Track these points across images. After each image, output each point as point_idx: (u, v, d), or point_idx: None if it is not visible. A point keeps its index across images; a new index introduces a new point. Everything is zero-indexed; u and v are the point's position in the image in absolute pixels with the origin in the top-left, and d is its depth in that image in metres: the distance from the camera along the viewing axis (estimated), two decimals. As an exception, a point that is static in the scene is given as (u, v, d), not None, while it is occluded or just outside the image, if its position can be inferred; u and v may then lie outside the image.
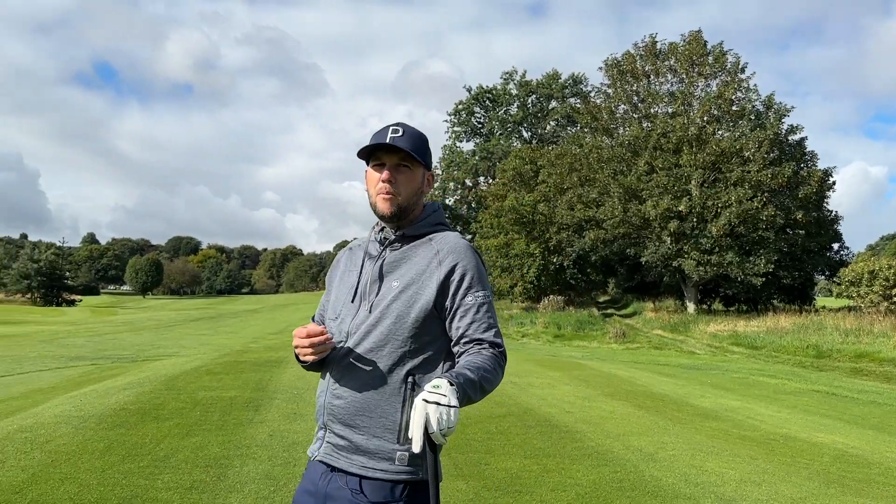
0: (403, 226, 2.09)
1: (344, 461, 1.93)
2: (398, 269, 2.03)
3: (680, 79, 35.44)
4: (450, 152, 62.31)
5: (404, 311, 1.95)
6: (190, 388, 9.30)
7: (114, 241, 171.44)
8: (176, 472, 5.20)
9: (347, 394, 1.94)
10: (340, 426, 1.94)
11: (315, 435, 2.07)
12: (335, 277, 2.21)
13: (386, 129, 2.06)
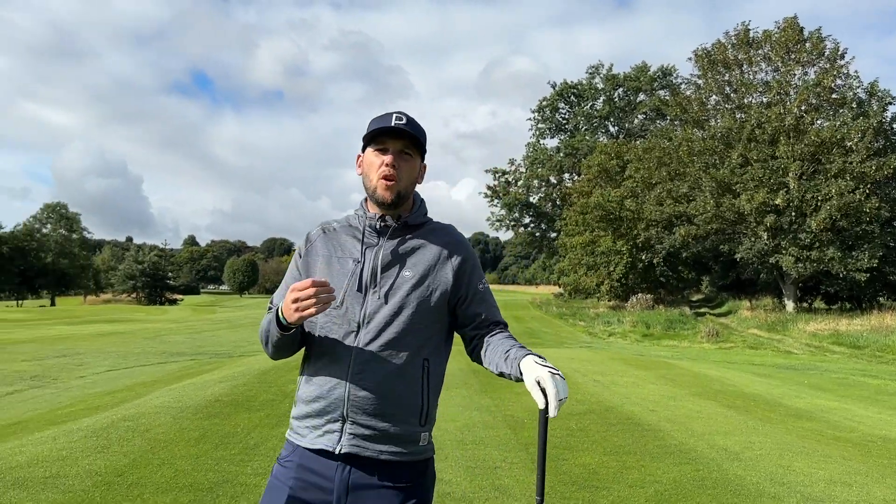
0: (401, 214, 2.09)
1: (372, 451, 1.94)
2: (408, 259, 2.04)
3: (775, 67, 33.91)
4: (533, 150, 61.89)
5: (425, 300, 2.01)
6: (280, 382, 9.67)
7: (212, 243, 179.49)
8: (264, 459, 5.44)
9: (372, 384, 1.93)
10: (366, 417, 1.93)
11: (319, 428, 1.96)
12: (315, 263, 2.09)
13: (389, 115, 2.06)
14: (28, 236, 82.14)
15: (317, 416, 1.96)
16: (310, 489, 1.94)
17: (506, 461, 5.56)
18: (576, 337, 28.73)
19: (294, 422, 2.04)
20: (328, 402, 1.95)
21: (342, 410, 1.93)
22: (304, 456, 1.97)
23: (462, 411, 7.74)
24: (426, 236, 2.10)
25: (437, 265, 2.06)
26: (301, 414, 2.01)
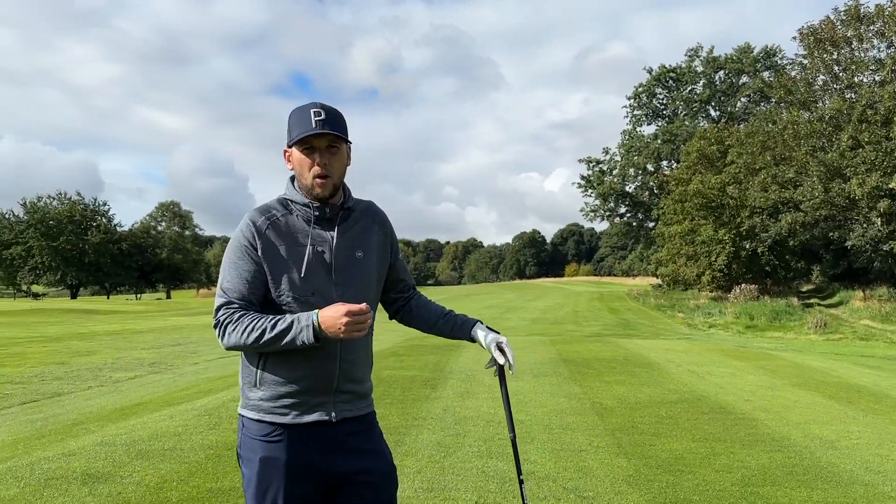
0: (338, 201, 2.25)
1: (354, 410, 2.22)
2: (357, 241, 2.26)
3: (889, 43, 31.76)
4: (629, 137, 60.52)
5: (377, 275, 2.32)
6: (375, 368, 9.99)
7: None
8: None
9: (354, 357, 2.20)
10: (350, 384, 2.20)
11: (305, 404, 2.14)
12: (274, 253, 2.15)
13: (308, 114, 2.16)
14: (145, 234, 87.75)
15: (305, 394, 2.13)
16: (307, 453, 2.13)
17: (591, 445, 5.66)
18: (674, 329, 28.05)
19: (264, 402, 2.14)
20: (319, 379, 2.14)
21: (334, 383, 2.16)
22: (294, 431, 2.13)
23: (550, 398, 7.86)
24: (361, 217, 2.32)
25: (377, 242, 2.33)
26: (278, 394, 2.13)
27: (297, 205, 2.22)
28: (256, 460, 2.13)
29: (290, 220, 2.20)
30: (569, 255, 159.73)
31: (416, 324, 2.52)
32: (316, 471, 2.15)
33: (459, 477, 4.72)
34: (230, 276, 2.14)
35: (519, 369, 10.23)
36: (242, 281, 2.13)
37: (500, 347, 2.32)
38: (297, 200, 2.22)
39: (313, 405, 2.15)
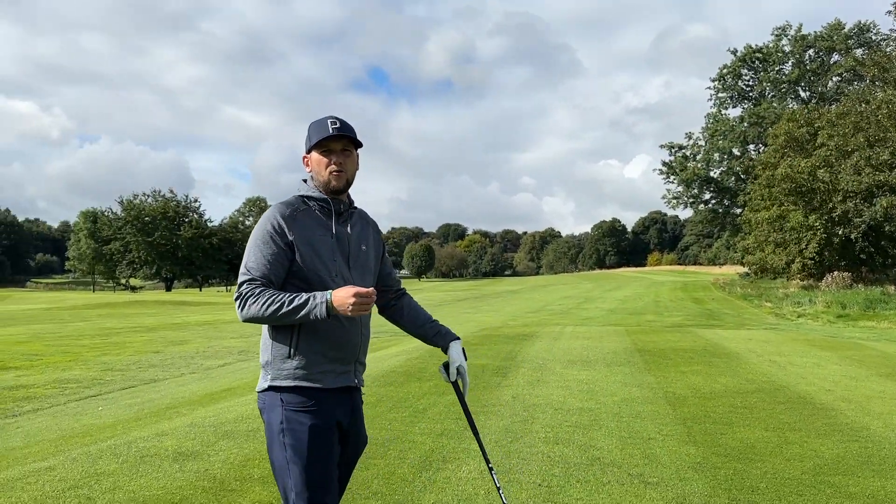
0: (347, 199, 2.65)
1: (361, 380, 2.66)
2: (360, 236, 2.66)
3: None
4: (714, 121, 58.51)
5: (376, 266, 2.75)
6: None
7: (393, 230, 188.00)
8: (430, 422, 5.97)
9: (367, 332, 2.65)
10: (363, 356, 2.64)
11: (335, 371, 2.49)
12: (301, 241, 2.46)
13: (325, 123, 2.55)
14: (233, 228, 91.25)
15: (335, 362, 2.49)
16: (338, 419, 2.51)
17: (660, 433, 5.67)
18: (760, 318, 27.11)
19: (301, 371, 2.44)
20: (348, 350, 2.53)
21: (357, 354, 2.57)
22: (326, 396, 2.47)
23: (622, 387, 7.85)
24: (361, 218, 2.73)
25: (373, 241, 2.74)
26: (310, 363, 2.45)
27: (314, 200, 2.57)
28: (306, 430, 2.39)
29: (310, 213, 2.55)
30: (651, 244, 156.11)
31: (404, 323, 2.87)
32: (341, 430, 2.54)
33: (524, 461, 4.84)
34: (254, 257, 2.44)
35: (593, 359, 10.22)
36: (265, 262, 2.42)
37: (459, 371, 2.79)
38: (315, 196, 2.57)
39: (340, 372, 2.51)
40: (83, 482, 4.42)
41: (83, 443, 5.82)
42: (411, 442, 5.32)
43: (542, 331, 15.40)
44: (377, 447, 5.15)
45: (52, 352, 14.67)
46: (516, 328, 16.86)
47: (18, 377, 11.04)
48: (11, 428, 7.53)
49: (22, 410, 8.58)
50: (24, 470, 4.83)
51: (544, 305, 36.41)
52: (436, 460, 4.84)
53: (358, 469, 4.59)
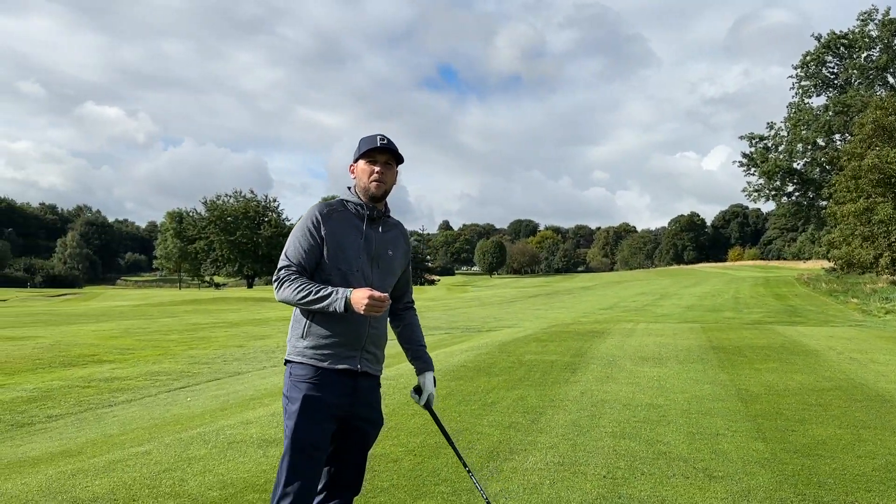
0: (383, 207, 2.98)
1: (372, 369, 2.94)
2: (389, 241, 2.98)
3: None
4: (797, 110, 56.26)
5: (398, 273, 3.05)
6: (518, 352, 10.42)
7: (464, 227, 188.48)
8: (499, 415, 6.14)
9: (379, 326, 2.92)
10: (373, 347, 2.91)
11: (340, 354, 2.81)
12: (332, 237, 2.83)
13: (374, 138, 2.91)
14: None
15: (340, 346, 2.81)
16: (336, 395, 2.80)
17: (729, 429, 5.66)
18: (845, 315, 26.04)
19: (308, 350, 2.82)
20: (353, 336, 2.83)
21: (362, 342, 2.86)
22: (328, 374, 2.81)
23: (693, 384, 7.81)
24: (394, 226, 3.04)
25: (401, 249, 3.04)
26: (320, 344, 2.81)
27: (352, 203, 2.94)
28: (300, 398, 2.77)
29: (346, 214, 2.92)
30: (732, 239, 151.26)
31: (399, 332, 3.21)
32: (339, 410, 2.82)
33: (590, 454, 4.95)
34: (294, 248, 2.84)
35: (665, 356, 10.16)
36: (302, 253, 2.82)
37: (428, 399, 3.13)
38: (353, 200, 2.94)
39: (344, 357, 2.82)
40: (176, 465, 4.80)
41: (174, 430, 6.26)
42: (479, 433, 5.51)
43: (613, 328, 15.31)
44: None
45: (143, 346, 15.57)
46: (587, 325, 16.81)
47: (113, 370, 11.81)
48: (108, 417, 8.12)
49: (117, 401, 9.21)
50: (123, 454, 5.26)
51: (618, 302, 35.96)
52: (503, 451, 5.01)
53: (428, 458, 4.81)
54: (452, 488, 4.22)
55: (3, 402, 9.05)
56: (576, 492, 4.14)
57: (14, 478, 4.77)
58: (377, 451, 4.99)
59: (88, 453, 5.69)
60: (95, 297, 72.09)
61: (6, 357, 13.29)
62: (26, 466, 5.43)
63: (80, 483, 4.43)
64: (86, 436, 6.97)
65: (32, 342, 15.60)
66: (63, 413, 8.66)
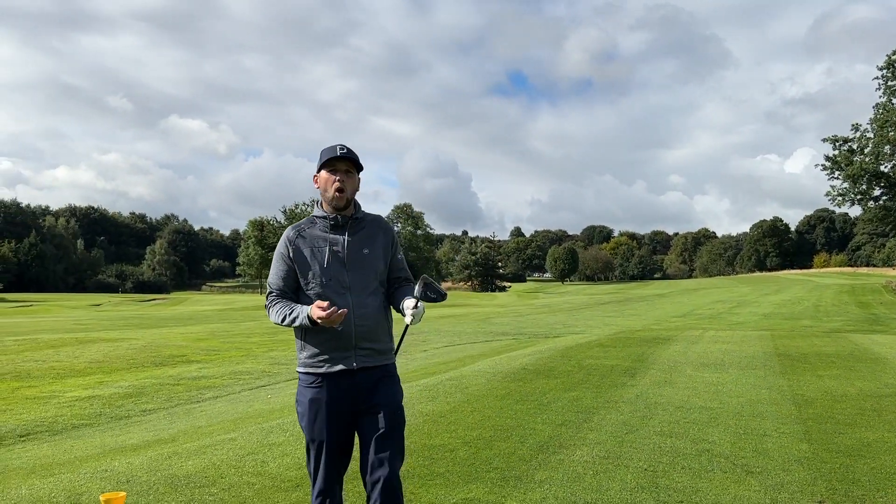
0: (350, 213, 3.13)
1: (373, 362, 3.07)
2: (364, 243, 3.12)
3: None
4: (883, 110, 53.74)
5: (378, 265, 3.16)
6: (579, 357, 10.70)
7: (536, 234, 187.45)
8: (553, 414, 6.50)
9: (367, 322, 3.04)
10: (367, 343, 3.05)
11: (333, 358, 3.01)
12: (303, 255, 3.06)
13: (334, 148, 3.09)
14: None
15: (332, 351, 3.02)
16: (339, 392, 3.02)
17: (777, 431, 5.84)
18: (935, 324, 24.91)
19: (307, 360, 3.06)
20: (342, 340, 3.01)
21: (352, 342, 3.02)
22: (325, 379, 3.03)
23: (750, 389, 7.95)
24: (368, 225, 3.18)
25: (378, 243, 3.17)
26: (314, 353, 3.04)
27: (319, 219, 3.15)
28: (306, 402, 3.06)
29: (314, 230, 3.13)
30: (817, 245, 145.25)
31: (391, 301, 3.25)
32: (344, 408, 3.03)
33: (635, 450, 5.26)
34: (273, 274, 3.15)
35: (727, 362, 10.24)
36: (280, 277, 3.12)
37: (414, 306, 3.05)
38: (320, 215, 3.15)
39: (338, 359, 3.04)
40: (258, 450, 5.38)
41: (256, 422, 6.88)
42: (532, 429, 5.89)
43: (680, 335, 15.33)
44: (501, 432, 5.76)
45: (227, 347, 16.56)
46: (655, 332, 16.84)
47: (200, 369, 12.71)
48: (197, 411, 8.88)
49: (204, 397, 10.01)
50: (212, 440, 5.89)
51: (693, 310, 35.37)
52: (552, 445, 5.37)
53: (482, 448, 5.23)
54: (502, 475, 4.62)
55: (103, 398, 9.97)
56: (616, 482, 4.48)
57: (119, 459, 5.46)
58: (435, 441, 5.45)
59: (180, 440, 6.37)
60: (182, 301, 75.61)
61: (104, 357, 14.45)
62: (128, 451, 6.14)
63: (176, 463, 5.05)
64: (177, 427, 7.71)
65: (127, 343, 16.83)
66: (156, 408, 9.49)
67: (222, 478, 4.64)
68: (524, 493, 4.25)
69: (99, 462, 5.50)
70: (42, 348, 15.87)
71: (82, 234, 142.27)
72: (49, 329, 25.03)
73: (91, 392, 10.39)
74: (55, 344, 16.83)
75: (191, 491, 4.35)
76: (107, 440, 7.39)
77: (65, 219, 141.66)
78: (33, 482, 4.67)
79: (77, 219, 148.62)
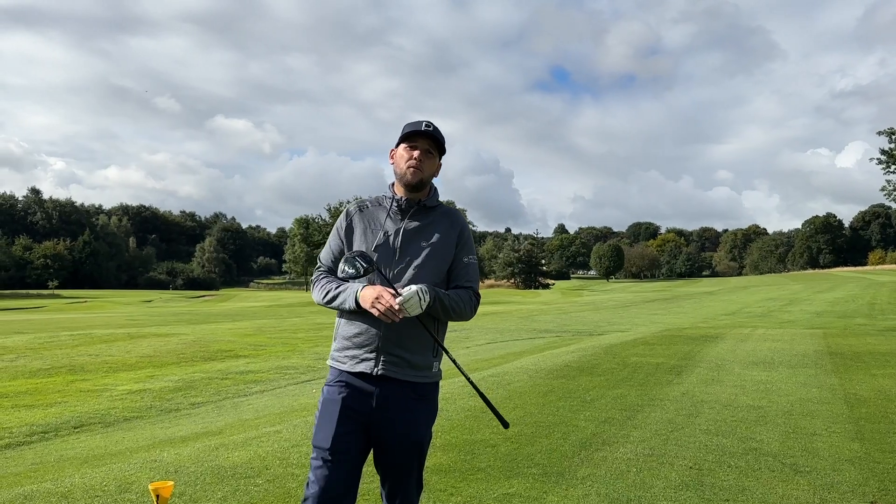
0: (421, 197, 2.78)
1: (401, 374, 2.65)
2: (424, 233, 2.74)
3: None
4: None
5: (434, 263, 2.72)
6: (624, 354, 10.57)
7: (580, 231, 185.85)
8: (596, 411, 6.44)
9: (399, 326, 2.58)
10: (398, 349, 2.64)
11: (357, 357, 2.65)
12: (354, 233, 2.76)
13: (419, 123, 2.74)
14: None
15: (358, 348, 2.66)
16: (356, 399, 2.64)
17: (827, 430, 5.69)
18: None
19: (335, 353, 2.74)
20: (366, 338, 2.65)
21: (377, 343, 2.63)
22: (348, 378, 2.67)
23: (800, 388, 7.75)
24: (438, 217, 2.80)
25: (443, 239, 2.75)
26: (341, 347, 2.71)
27: (386, 199, 2.82)
28: (322, 400, 2.73)
29: (376, 208, 2.82)
30: (873, 241, 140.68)
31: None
32: (359, 413, 2.64)
33: (680, 447, 5.17)
34: (326, 249, 2.84)
35: (777, 360, 10.00)
36: (331, 253, 2.82)
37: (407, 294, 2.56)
38: (388, 196, 2.83)
39: (362, 359, 2.66)
40: (303, 442, 5.46)
41: (301, 416, 6.98)
42: (575, 426, 5.84)
43: (729, 333, 15.02)
44: (544, 428, 5.73)
45: (274, 343, 16.84)
46: (703, 330, 16.54)
47: (247, 364, 12.95)
48: (243, 405, 9.05)
49: (251, 391, 10.19)
50: (259, 432, 6.00)
51: (742, 308, 34.61)
52: (595, 442, 5.32)
53: (524, 445, 5.21)
54: (543, 471, 4.60)
55: (154, 391, 10.24)
56: (660, 479, 4.42)
57: (168, 449, 5.60)
58: (477, 437, 5.45)
59: (227, 433, 6.49)
60: (231, 298, 77.15)
61: (155, 351, 14.84)
62: (177, 442, 6.30)
63: (223, 455, 5.16)
64: (224, 420, 7.87)
65: (177, 339, 17.25)
66: (204, 401, 9.70)
67: (267, 469, 4.72)
68: (566, 490, 4.22)
69: (148, 453, 5.65)
70: (95, 343, 16.37)
71: (134, 232, 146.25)
72: (102, 324, 25.81)
73: (142, 385, 10.68)
74: (108, 339, 17.34)
75: (236, 481, 4.43)
76: (157, 432, 7.59)
77: (117, 217, 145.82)
78: (86, 471, 4.82)
79: (129, 217, 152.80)
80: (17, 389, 10.47)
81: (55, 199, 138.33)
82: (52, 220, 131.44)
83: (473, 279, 2.82)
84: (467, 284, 2.79)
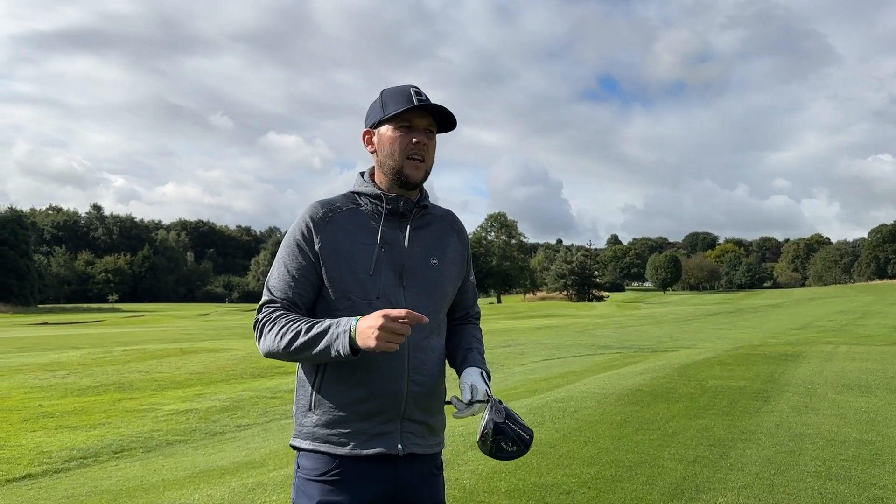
0: (416, 197, 1.96)
1: (423, 446, 1.88)
2: (430, 246, 1.95)
3: None
4: None
5: (449, 288, 1.98)
6: (701, 376, 9.67)
7: (634, 241, 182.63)
8: (681, 447, 5.64)
9: (424, 378, 1.85)
10: (420, 412, 1.86)
11: (367, 432, 1.81)
12: (335, 251, 1.84)
13: (406, 91, 1.88)
14: (477, 243, 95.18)
15: (364, 419, 1.79)
16: (366, 496, 1.81)
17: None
18: None
19: (321, 430, 1.81)
20: (383, 401, 1.80)
21: (400, 408, 1.82)
22: (351, 466, 1.80)
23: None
24: (438, 222, 2.01)
25: (454, 253, 2.01)
26: (335, 419, 1.80)
27: (366, 197, 1.92)
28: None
29: (357, 214, 1.90)
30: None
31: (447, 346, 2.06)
32: None
33: (791, 496, 4.37)
34: (277, 272, 1.88)
35: (873, 384, 8.99)
36: (289, 278, 1.85)
37: (472, 393, 1.84)
38: (368, 192, 1.92)
39: (375, 434, 1.81)
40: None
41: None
42: (660, 467, 5.07)
43: (809, 350, 13.89)
44: (624, 470, 4.98)
45: (324, 359, 16.38)
46: (778, 347, 15.40)
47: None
48: (290, 427, 8.47)
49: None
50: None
51: (812, 321, 32.90)
52: (688, 489, 4.55)
53: (604, 491, 4.48)
54: (632, 528, 3.87)
55: (200, 411, 9.84)
56: (777, 543, 3.64)
57: (202, 488, 5.06)
58: (547, 480, 4.74)
59: (269, 465, 5.94)
60: (283, 311, 77.76)
61: (205, 368, 14.55)
62: (214, 476, 5.77)
63: (259, 497, 4.59)
64: (269, 446, 7.35)
65: (228, 354, 16.97)
66: (251, 423, 9.24)
67: (308, 518, 4.11)
68: (663, 555, 3.48)
69: (182, 490, 5.13)
70: (147, 359, 16.21)
71: (192, 246, 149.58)
72: (156, 339, 25.93)
73: (189, 405, 10.30)
74: (160, 354, 17.18)
75: (272, 535, 3.84)
76: (198, 459, 7.12)
77: (175, 232, 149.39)
78: (109, 515, 4.30)
79: (187, 232, 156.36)
80: (64, 409, 10.22)
81: (116, 215, 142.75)
82: (112, 235, 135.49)
83: (476, 302, 2.20)
84: (475, 312, 2.18)
